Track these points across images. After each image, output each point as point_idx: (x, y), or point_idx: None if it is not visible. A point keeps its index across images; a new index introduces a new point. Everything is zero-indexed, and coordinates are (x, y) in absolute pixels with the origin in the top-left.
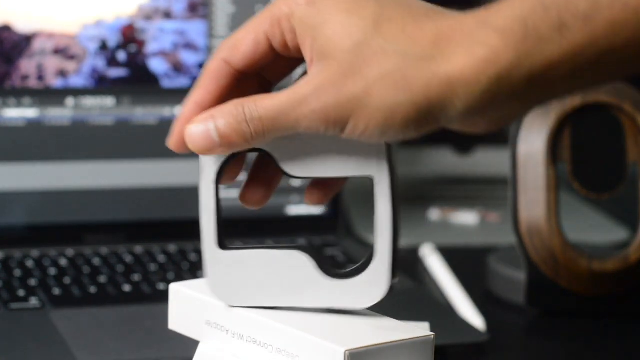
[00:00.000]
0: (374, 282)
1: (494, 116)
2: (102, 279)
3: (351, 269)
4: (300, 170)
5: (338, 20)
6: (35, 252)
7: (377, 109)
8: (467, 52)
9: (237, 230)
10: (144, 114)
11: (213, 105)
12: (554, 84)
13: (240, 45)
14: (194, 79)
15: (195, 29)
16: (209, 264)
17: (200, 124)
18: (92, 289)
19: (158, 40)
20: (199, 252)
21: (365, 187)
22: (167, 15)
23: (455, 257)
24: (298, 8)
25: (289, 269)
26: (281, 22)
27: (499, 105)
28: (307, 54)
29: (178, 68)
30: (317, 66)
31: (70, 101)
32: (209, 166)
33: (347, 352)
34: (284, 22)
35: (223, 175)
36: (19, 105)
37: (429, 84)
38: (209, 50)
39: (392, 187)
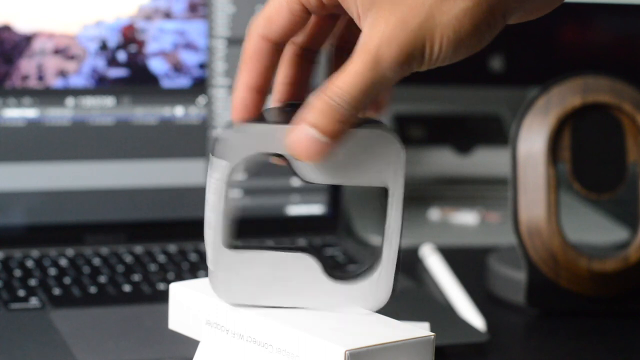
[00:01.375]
0: (378, 288)
1: None
2: (102, 279)
3: (356, 273)
4: (316, 175)
5: None
6: (35, 252)
7: (445, 26)
8: None
9: (237, 230)
10: (144, 114)
11: (263, 84)
12: None
13: (276, 17)
14: (194, 79)
15: (195, 29)
16: (214, 263)
17: (299, 134)
18: (92, 289)
19: (158, 40)
20: (199, 252)
21: (365, 188)
22: (167, 15)
23: (455, 257)
24: None
25: (297, 271)
26: None
27: None
28: (351, 9)
29: (178, 68)
30: (370, 16)
31: (70, 101)
32: (221, 166)
33: (347, 352)
34: None
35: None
36: (19, 105)
37: None
38: (209, 50)
39: (404, 198)
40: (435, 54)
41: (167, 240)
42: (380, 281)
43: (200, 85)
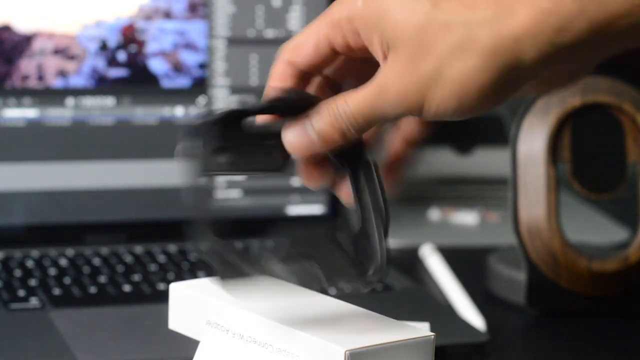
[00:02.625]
0: None
1: (564, 69)
2: (102, 279)
3: None
4: None
5: (397, 10)
6: (35, 252)
7: (451, 81)
8: (530, 4)
9: (237, 230)
10: (144, 114)
11: None
12: (618, 36)
13: (302, 47)
14: (194, 79)
15: (195, 29)
16: None
17: (296, 126)
18: (92, 289)
19: (158, 40)
20: (198, 252)
21: None
22: (167, 15)
23: (455, 257)
24: (356, 9)
25: None
26: (342, 25)
27: (566, 56)
28: (377, 51)
29: (178, 68)
30: (390, 57)
31: (70, 101)
32: None
33: (347, 352)
34: (345, 24)
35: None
36: (19, 105)
37: (496, 46)
38: (209, 50)
39: None
40: (436, 106)
41: (167, 240)
42: None
43: (200, 85)
